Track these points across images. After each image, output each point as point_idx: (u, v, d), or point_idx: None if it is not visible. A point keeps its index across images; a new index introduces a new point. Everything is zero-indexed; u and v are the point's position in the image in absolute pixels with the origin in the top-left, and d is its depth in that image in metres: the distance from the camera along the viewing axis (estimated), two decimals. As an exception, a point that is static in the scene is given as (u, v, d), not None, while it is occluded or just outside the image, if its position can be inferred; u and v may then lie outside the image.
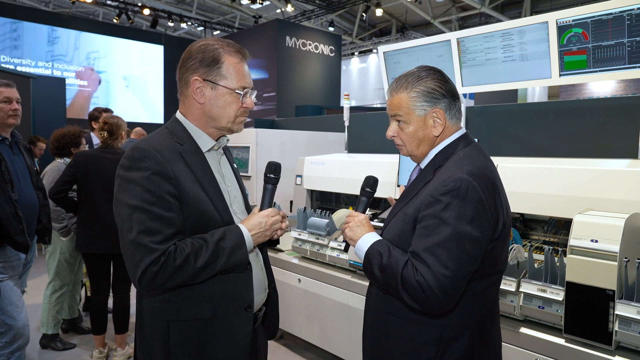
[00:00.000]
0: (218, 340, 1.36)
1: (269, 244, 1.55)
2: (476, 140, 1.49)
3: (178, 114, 1.46)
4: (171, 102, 13.19)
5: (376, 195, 1.62)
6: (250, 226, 1.40)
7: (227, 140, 1.54)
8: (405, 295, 1.24)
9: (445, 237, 1.21)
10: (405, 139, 1.41)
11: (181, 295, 1.34)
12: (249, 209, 1.59)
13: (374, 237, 1.39)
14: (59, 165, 3.45)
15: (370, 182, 1.58)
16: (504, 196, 1.36)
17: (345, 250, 1.58)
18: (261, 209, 1.48)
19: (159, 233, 1.25)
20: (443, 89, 1.36)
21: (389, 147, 3.85)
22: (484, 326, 1.37)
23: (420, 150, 1.41)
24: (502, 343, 1.54)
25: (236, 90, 1.39)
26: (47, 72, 11.21)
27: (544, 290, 1.86)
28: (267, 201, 1.50)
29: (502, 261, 1.39)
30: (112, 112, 4.22)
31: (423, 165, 1.43)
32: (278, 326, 1.68)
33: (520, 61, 3.16)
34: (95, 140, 4.12)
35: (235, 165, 1.61)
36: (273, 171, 1.52)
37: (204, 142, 1.43)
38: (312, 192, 3.67)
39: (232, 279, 1.38)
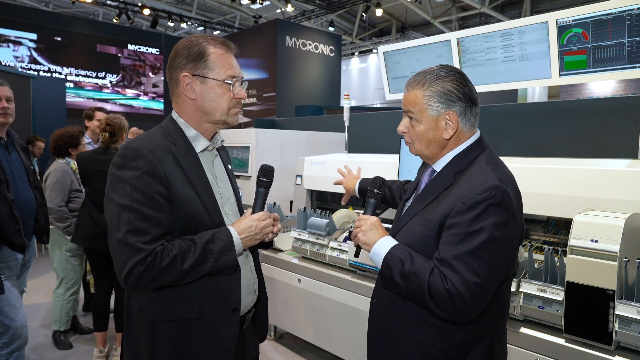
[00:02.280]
0: (203, 341, 1.36)
1: (262, 246, 1.54)
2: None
3: (173, 113, 1.45)
4: (170, 103, 13.19)
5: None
6: (240, 229, 1.39)
7: (222, 141, 1.53)
8: (432, 303, 1.22)
9: (478, 245, 1.19)
10: (415, 137, 1.37)
11: (168, 295, 1.34)
12: (241, 210, 1.57)
13: (391, 241, 1.35)
14: (62, 166, 3.45)
15: (378, 183, 1.53)
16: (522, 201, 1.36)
17: (356, 255, 1.51)
18: (253, 211, 1.46)
19: (146, 233, 1.25)
20: (460, 92, 1.32)
21: (389, 147, 3.85)
22: (500, 327, 1.38)
23: (430, 151, 1.37)
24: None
25: (225, 81, 1.38)
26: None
27: (544, 290, 1.86)
28: (259, 204, 1.49)
29: (515, 264, 1.40)
30: (105, 110, 4.23)
31: (438, 167, 1.39)
32: (267, 329, 1.67)
33: (520, 61, 3.16)
34: (87, 139, 4.11)
35: (230, 166, 1.60)
36: (266, 174, 1.51)
37: (198, 142, 1.42)
38: (312, 192, 3.67)
39: (220, 281, 1.37)
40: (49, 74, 11.29)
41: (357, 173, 2.31)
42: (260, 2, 12.48)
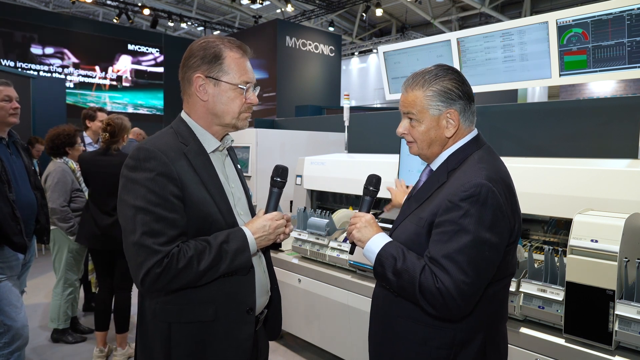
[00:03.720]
0: (219, 343, 1.35)
1: (271, 246, 1.55)
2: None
3: (183, 114, 1.45)
4: (171, 103, 13.19)
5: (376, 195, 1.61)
6: (254, 229, 1.39)
7: (232, 140, 1.53)
8: (422, 301, 1.23)
9: (464, 244, 1.20)
10: (416, 137, 1.37)
11: (183, 297, 1.33)
12: (252, 210, 1.58)
13: (384, 238, 1.36)
14: (61, 165, 3.45)
15: (374, 181, 1.54)
16: (517, 199, 1.36)
17: (351, 252, 1.53)
18: (266, 212, 1.46)
19: (162, 235, 1.24)
20: (460, 90, 1.33)
21: (389, 147, 3.85)
22: (495, 328, 1.38)
23: (431, 150, 1.38)
24: (502, 343, 1.54)
25: (239, 86, 1.38)
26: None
27: (544, 290, 1.86)
28: (273, 205, 1.49)
29: (513, 264, 1.39)
30: (106, 111, 4.23)
31: (435, 166, 1.40)
32: (280, 328, 1.66)
33: (520, 61, 3.16)
34: (88, 139, 4.12)
35: (239, 166, 1.60)
36: (280, 175, 1.51)
37: (209, 142, 1.42)
38: (312, 192, 3.67)
39: (235, 282, 1.37)
40: (49, 74, 11.29)
41: (403, 187, 2.19)
42: (260, 2, 12.48)
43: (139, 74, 13.01)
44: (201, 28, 16.13)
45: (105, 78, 12.45)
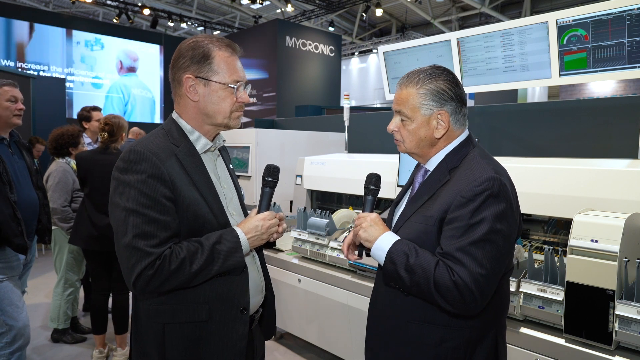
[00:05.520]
0: (214, 343, 1.35)
1: (265, 245, 1.54)
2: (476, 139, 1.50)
3: (174, 114, 1.44)
4: (170, 103, 13.19)
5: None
6: (247, 229, 1.39)
7: (224, 140, 1.53)
8: (437, 296, 1.22)
9: (480, 237, 1.20)
10: (405, 135, 1.38)
11: (177, 297, 1.33)
12: (245, 210, 1.58)
13: (393, 236, 1.34)
14: (63, 165, 3.46)
15: (374, 180, 1.53)
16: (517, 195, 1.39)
17: (360, 255, 1.49)
18: (258, 212, 1.46)
19: (154, 237, 1.24)
20: (452, 92, 1.34)
21: (389, 147, 3.85)
22: (502, 321, 1.40)
23: (420, 150, 1.39)
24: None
25: (229, 85, 1.38)
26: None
27: (544, 290, 1.86)
28: (265, 204, 1.49)
29: (513, 257, 1.42)
30: (100, 110, 4.23)
31: (431, 166, 1.40)
32: (275, 327, 1.67)
33: (521, 61, 3.16)
34: (87, 139, 4.12)
35: (231, 165, 1.60)
36: (271, 174, 1.51)
37: (200, 143, 1.42)
38: (312, 192, 3.67)
39: (228, 282, 1.37)
40: (49, 74, 11.29)
41: None
42: (260, 2, 12.48)
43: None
44: (201, 28, 16.13)
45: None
